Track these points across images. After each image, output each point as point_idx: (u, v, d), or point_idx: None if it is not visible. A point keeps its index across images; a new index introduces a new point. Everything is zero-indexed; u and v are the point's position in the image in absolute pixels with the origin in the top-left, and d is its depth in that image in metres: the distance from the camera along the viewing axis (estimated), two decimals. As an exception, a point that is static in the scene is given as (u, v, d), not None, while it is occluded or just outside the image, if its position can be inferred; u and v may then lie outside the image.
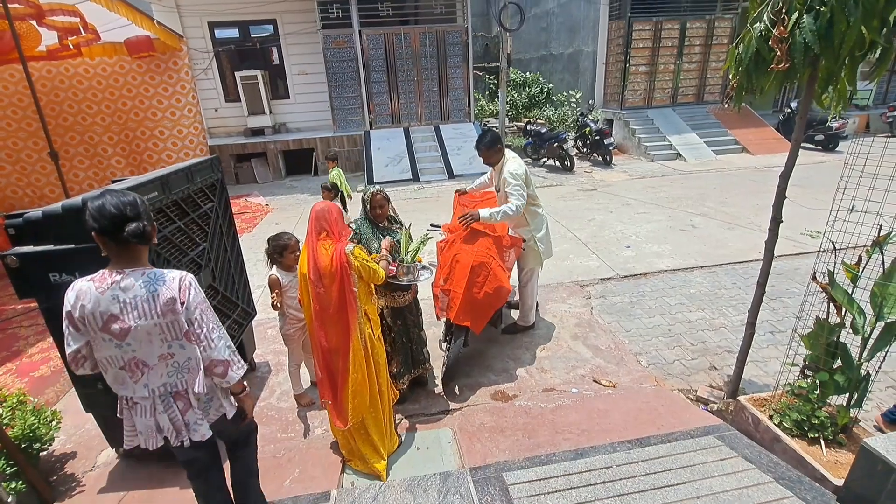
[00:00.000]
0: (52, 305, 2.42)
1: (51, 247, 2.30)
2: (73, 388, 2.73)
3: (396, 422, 2.96)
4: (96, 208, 1.53)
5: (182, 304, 1.62)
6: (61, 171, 5.07)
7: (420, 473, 2.54)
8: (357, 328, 2.41)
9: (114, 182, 2.84)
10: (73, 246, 2.29)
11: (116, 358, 1.64)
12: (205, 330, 1.66)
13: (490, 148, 3.48)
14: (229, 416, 1.86)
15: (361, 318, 2.44)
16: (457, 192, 4.12)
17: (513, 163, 3.46)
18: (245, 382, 1.89)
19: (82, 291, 1.57)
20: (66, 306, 1.58)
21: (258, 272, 5.06)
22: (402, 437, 2.87)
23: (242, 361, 1.81)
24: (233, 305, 3.36)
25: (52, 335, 2.51)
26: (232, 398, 1.88)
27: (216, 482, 2.01)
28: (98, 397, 2.61)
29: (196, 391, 1.70)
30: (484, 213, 3.30)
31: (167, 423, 1.73)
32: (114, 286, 1.57)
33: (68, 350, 1.63)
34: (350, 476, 2.60)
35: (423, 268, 2.92)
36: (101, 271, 1.62)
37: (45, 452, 2.78)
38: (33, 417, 2.65)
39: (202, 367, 1.69)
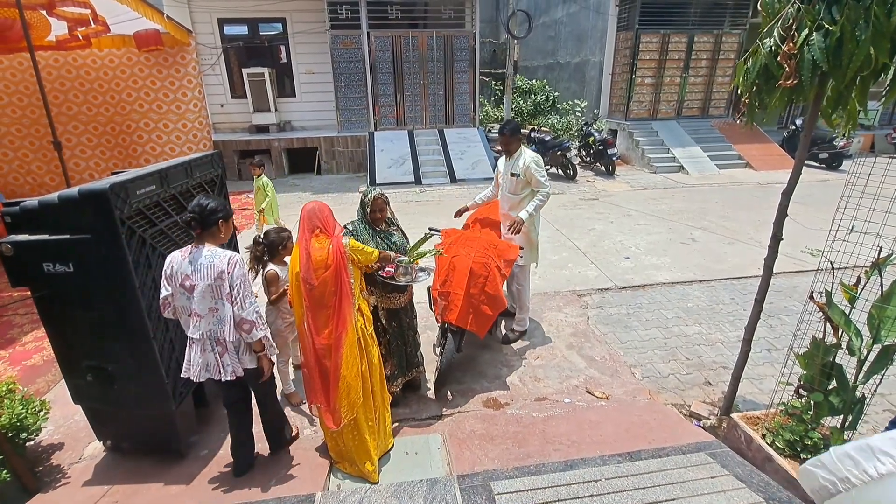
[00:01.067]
0: (45, 295, 2.42)
1: (46, 236, 2.29)
2: (64, 379, 2.72)
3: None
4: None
5: (229, 274, 2.24)
6: (63, 161, 5.07)
7: (407, 479, 2.52)
8: (353, 320, 2.42)
9: (113, 174, 2.84)
10: (68, 236, 2.28)
11: (186, 307, 2.30)
12: (240, 296, 2.26)
13: (513, 135, 3.63)
14: (249, 367, 2.39)
15: (356, 312, 2.46)
16: (458, 213, 4.06)
17: (531, 152, 3.68)
18: (265, 345, 2.40)
19: (174, 258, 2.28)
20: (164, 267, 2.28)
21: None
22: (394, 441, 2.85)
23: (266, 326, 2.38)
24: (227, 302, 3.34)
25: (45, 325, 2.50)
26: (253, 355, 2.40)
27: (241, 417, 2.62)
28: (87, 389, 2.60)
29: (227, 338, 2.29)
30: (523, 214, 3.56)
31: (212, 360, 2.32)
32: (190, 255, 2.26)
33: (161, 296, 2.30)
34: (336, 479, 2.58)
35: (421, 269, 2.91)
36: (188, 246, 2.30)
37: (31, 442, 2.76)
38: (21, 407, 2.64)
39: (234, 322, 2.28)
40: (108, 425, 2.79)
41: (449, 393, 3.33)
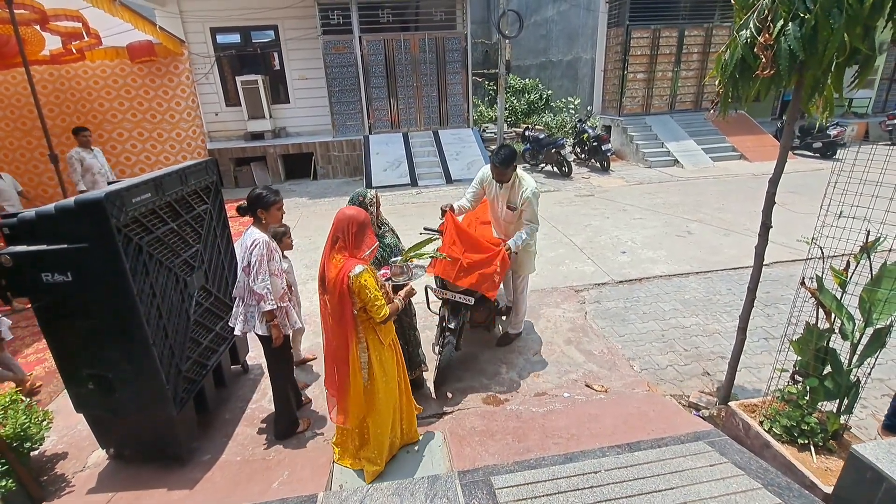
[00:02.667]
0: (44, 305, 2.44)
1: (44, 247, 2.31)
2: (65, 388, 2.74)
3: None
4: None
5: (249, 252, 2.63)
6: (59, 173, 5.10)
7: (408, 476, 2.54)
8: (355, 346, 2.37)
9: (109, 184, 2.86)
10: (65, 246, 2.30)
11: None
12: (254, 271, 2.62)
13: (507, 165, 3.27)
14: (259, 333, 2.75)
15: (362, 336, 2.40)
16: (448, 209, 3.47)
17: (530, 181, 3.41)
18: (276, 315, 2.72)
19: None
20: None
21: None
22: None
23: (273, 300, 2.67)
24: (226, 307, 3.36)
25: (45, 334, 2.52)
26: (265, 324, 2.73)
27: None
28: (88, 397, 2.62)
29: (242, 300, 2.74)
30: (511, 243, 3.35)
31: (238, 313, 2.78)
32: (246, 232, 2.73)
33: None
34: (339, 479, 2.60)
35: (417, 266, 2.93)
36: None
37: (35, 452, 2.78)
38: (24, 417, 2.66)
39: (247, 291, 2.69)
40: (110, 433, 2.81)
41: (448, 391, 3.35)
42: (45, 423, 2.78)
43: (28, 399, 2.89)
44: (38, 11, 5.69)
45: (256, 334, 2.78)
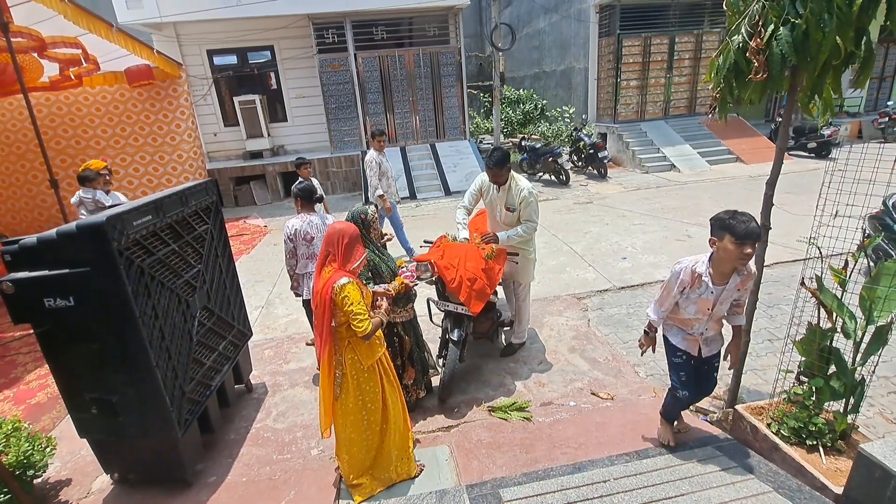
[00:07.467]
0: (46, 331, 2.44)
1: (46, 272, 2.32)
2: (69, 414, 2.72)
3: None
4: (300, 188, 3.71)
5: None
6: (60, 198, 5.13)
7: (416, 492, 2.51)
8: (330, 362, 2.32)
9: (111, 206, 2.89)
10: (67, 271, 2.31)
11: (305, 252, 3.57)
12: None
13: (502, 166, 3.38)
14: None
15: (339, 355, 2.36)
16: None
17: (525, 181, 3.50)
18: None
19: (293, 223, 3.55)
20: (287, 231, 3.54)
21: (256, 293, 5.10)
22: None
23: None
24: (228, 327, 3.36)
25: (48, 359, 2.51)
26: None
27: None
28: (92, 422, 2.60)
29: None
30: (502, 235, 3.42)
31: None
32: (306, 221, 3.57)
33: (286, 249, 3.59)
34: (346, 497, 2.57)
35: (430, 265, 3.11)
36: (300, 215, 3.62)
37: (39, 479, 2.75)
38: (27, 444, 2.63)
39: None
40: (114, 457, 2.79)
41: (454, 404, 3.33)
42: (48, 449, 2.76)
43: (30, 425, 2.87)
44: (36, 39, 5.76)
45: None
